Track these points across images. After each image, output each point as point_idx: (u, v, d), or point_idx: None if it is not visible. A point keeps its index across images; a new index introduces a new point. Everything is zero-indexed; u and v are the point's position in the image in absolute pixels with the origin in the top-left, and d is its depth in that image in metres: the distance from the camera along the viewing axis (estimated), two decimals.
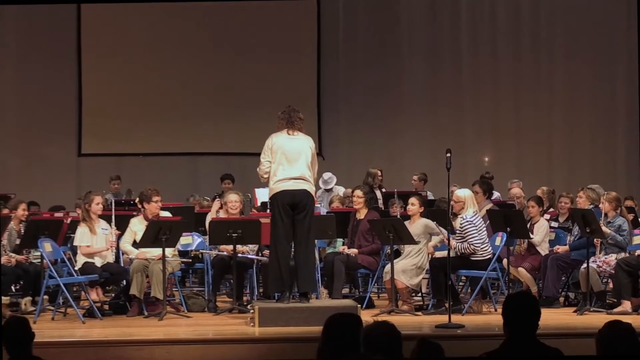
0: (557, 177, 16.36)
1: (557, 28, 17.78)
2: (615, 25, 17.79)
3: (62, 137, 17.56)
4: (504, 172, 15.35)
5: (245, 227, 11.42)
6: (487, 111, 17.72)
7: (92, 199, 11.88)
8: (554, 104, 17.70)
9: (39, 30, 17.46)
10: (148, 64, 17.52)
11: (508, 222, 11.46)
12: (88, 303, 11.27)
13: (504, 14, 17.81)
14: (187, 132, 17.42)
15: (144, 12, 17.33)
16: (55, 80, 17.55)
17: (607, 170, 16.70)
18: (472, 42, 17.82)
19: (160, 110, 17.44)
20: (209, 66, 17.58)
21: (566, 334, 9.36)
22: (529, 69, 17.75)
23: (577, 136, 17.66)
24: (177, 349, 9.46)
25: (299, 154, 10.50)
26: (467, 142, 16.84)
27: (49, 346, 8.23)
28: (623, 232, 11.58)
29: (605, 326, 5.63)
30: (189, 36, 17.57)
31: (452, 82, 17.76)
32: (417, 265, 11.45)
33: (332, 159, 15.70)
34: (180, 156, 17.36)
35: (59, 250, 11.48)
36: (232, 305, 11.50)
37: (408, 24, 17.77)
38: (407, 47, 17.70)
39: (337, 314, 5.81)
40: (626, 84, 17.68)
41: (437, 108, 17.59)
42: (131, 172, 16.37)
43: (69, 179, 17.08)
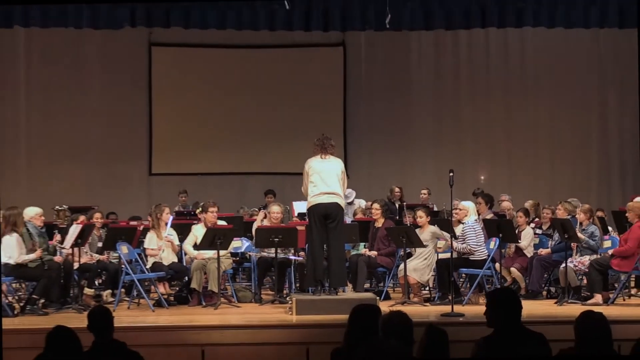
0: (540, 193, 16.19)
1: (540, 73, 17.66)
2: (589, 69, 17.66)
3: (136, 159, 17.56)
4: (496, 188, 15.22)
5: (285, 234, 11.36)
6: (483, 139, 17.62)
7: (162, 209, 11.89)
8: (539, 133, 17.59)
9: (118, 67, 17.51)
10: (206, 99, 17.54)
11: (500, 230, 11.38)
12: (157, 295, 11.25)
13: (496, 63, 17.73)
14: (237, 156, 17.40)
15: (203, 56, 17.37)
16: (130, 110, 17.59)
17: (582, 186, 16.55)
18: (470, 86, 17.76)
19: (216, 137, 17.44)
20: (255, 102, 17.59)
21: (548, 321, 9.25)
22: (517, 106, 17.65)
23: (557, 159, 17.54)
24: (229, 333, 9.41)
25: (331, 174, 10.45)
26: (466, 164, 16.72)
27: (126, 330, 8.20)
28: (595, 237, 11.53)
29: (581, 315, 5.57)
30: (240, 76, 17.60)
31: (453, 118, 17.68)
32: (426, 264, 11.37)
33: (356, 177, 15.64)
34: (232, 175, 17.31)
35: (134, 251, 11.48)
36: (274, 297, 11.41)
37: (417, 71, 17.71)
38: (417, 90, 17.65)
39: (360, 305, 5.80)
40: (598, 116, 17.62)
41: (441, 138, 17.51)
42: (192, 188, 16.37)
43: (142, 193, 17.07)
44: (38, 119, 17.49)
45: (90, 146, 17.33)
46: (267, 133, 17.31)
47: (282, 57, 17.47)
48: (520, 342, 5.60)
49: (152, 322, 10.04)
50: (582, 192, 15.06)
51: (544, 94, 17.62)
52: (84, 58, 17.38)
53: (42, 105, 17.48)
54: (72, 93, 17.46)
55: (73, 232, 11.32)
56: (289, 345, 9.16)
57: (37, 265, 10.89)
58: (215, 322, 9.90)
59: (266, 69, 17.55)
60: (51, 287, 10.88)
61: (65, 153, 17.28)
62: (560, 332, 6.24)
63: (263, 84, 17.60)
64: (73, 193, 15.83)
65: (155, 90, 17.67)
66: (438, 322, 8.75)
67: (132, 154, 17.52)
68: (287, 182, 14.06)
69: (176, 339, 9.27)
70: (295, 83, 17.63)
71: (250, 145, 17.36)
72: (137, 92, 17.64)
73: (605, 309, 9.59)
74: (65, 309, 10.83)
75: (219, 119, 17.51)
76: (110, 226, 12.41)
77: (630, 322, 8.98)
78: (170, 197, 15.56)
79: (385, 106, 17.64)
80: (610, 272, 11.29)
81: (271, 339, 9.31)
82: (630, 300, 11.40)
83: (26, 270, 10.88)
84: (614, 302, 11.01)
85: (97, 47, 17.01)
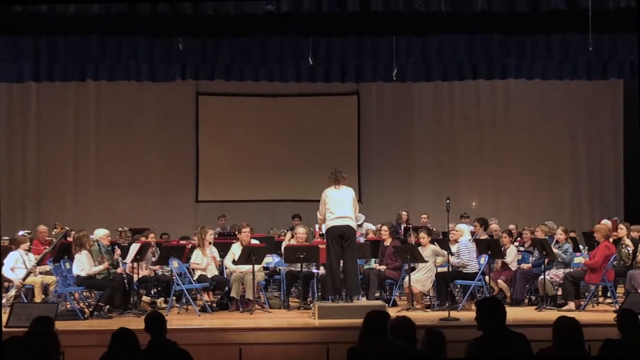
0: (522, 216, 16.16)
1: (522, 117, 17.69)
2: (561, 114, 17.69)
3: (185, 189, 17.63)
4: (486, 212, 15.17)
5: (309, 251, 11.36)
6: (474, 172, 17.60)
7: (206, 231, 11.92)
8: (520, 168, 17.58)
9: (171, 112, 17.66)
10: (243, 139, 17.62)
11: (489, 248, 11.39)
12: (202, 302, 11.26)
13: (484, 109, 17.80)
14: (269, 186, 17.43)
15: (241, 103, 17.50)
16: (180, 148, 17.68)
17: (556, 212, 16.46)
18: (463, 127, 17.81)
19: (251, 170, 17.50)
20: (284, 141, 17.67)
21: (529, 325, 9.19)
22: (502, 144, 17.68)
23: (536, 189, 17.50)
24: (262, 334, 9.42)
25: (344, 201, 10.49)
26: (460, 193, 16.70)
27: (176, 332, 8.19)
28: (568, 253, 11.48)
29: (557, 320, 5.58)
30: (271, 120, 17.72)
31: (449, 155, 17.68)
32: (427, 276, 11.34)
33: (368, 204, 15.64)
34: (264, 202, 17.35)
35: (183, 266, 11.52)
36: (300, 304, 11.41)
37: (419, 115, 17.76)
38: (418, 131, 17.71)
39: (372, 311, 5.79)
40: (570, 154, 17.62)
41: (439, 171, 17.50)
42: (231, 213, 16.41)
43: (189, 217, 17.09)
44: (105, 155, 17.63)
45: (147, 178, 17.44)
46: (293, 167, 17.37)
47: (307, 104, 17.56)
48: (506, 342, 5.59)
49: (198, 325, 10.04)
50: (557, 217, 15.00)
51: (524, 134, 17.62)
52: (143, 105, 17.53)
53: (108, 143, 17.62)
54: (134, 133, 17.61)
55: (133, 249, 11.40)
56: (312, 345, 9.16)
57: (104, 276, 10.96)
58: (250, 325, 9.89)
59: (293, 114, 17.65)
60: (115, 295, 10.93)
61: (127, 184, 17.38)
62: (540, 334, 6.22)
63: (290, 125, 17.69)
64: (133, 217, 15.91)
65: (202, 131, 17.78)
66: (437, 325, 8.71)
67: (182, 184, 17.60)
68: (311, 207, 13.99)
69: (218, 339, 9.28)
70: (317, 125, 17.70)
71: (279, 177, 17.42)
72: (186, 133, 17.75)
73: (577, 315, 9.47)
74: (127, 313, 10.86)
75: (253, 155, 17.58)
76: (164, 245, 12.47)
77: (598, 326, 8.90)
78: (213, 220, 15.62)
79: (392, 145, 17.67)
80: (581, 283, 11.24)
81: (297, 339, 9.31)
82: (598, 307, 11.36)
83: (94, 281, 10.95)
84: (585, 309, 10.98)
85: (154, 96, 17.15)
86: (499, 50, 12.11)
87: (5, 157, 17.26)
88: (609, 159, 17.52)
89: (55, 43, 11.84)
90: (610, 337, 6.05)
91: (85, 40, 11.84)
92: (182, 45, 11.83)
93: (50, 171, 17.44)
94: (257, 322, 10.12)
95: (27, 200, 17.31)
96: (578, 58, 12.26)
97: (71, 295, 11.14)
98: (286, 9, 10.93)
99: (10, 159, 17.32)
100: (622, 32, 11.86)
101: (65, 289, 11.09)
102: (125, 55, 12.06)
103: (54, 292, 11.31)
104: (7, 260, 11.79)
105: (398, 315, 5.86)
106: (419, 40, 12.05)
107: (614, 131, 17.49)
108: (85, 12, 10.94)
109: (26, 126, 17.40)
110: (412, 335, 5.54)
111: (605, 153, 17.56)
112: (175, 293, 11.37)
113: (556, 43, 12.04)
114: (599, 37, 11.66)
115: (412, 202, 16.70)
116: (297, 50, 12.02)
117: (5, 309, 10.24)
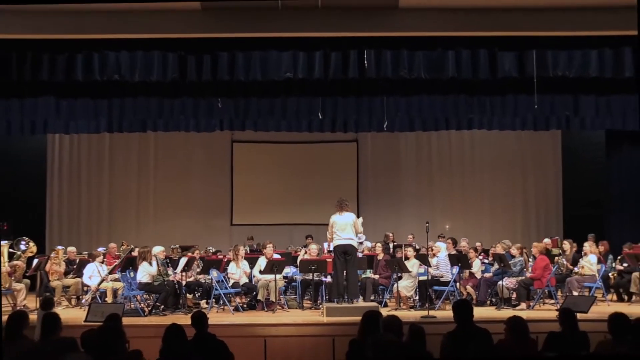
0: (485, 236, 16.10)
1: (484, 159, 17.64)
2: (515, 156, 17.65)
3: (222, 215, 17.58)
4: (457, 233, 15.13)
5: (319, 264, 11.33)
6: (448, 201, 17.51)
7: (239, 248, 11.92)
8: (483, 198, 17.49)
9: (211, 155, 17.61)
10: (268, 176, 17.60)
11: (459, 261, 11.37)
12: (235, 303, 11.21)
13: (455, 152, 17.76)
14: (287, 212, 17.36)
15: (267, 148, 17.49)
16: (219, 183, 17.63)
17: (511, 233, 16.37)
18: (438, 167, 17.72)
19: (274, 200, 17.45)
20: (299, 177, 17.59)
21: (491, 321, 9.07)
22: (470, 180, 17.58)
23: (495, 215, 17.40)
24: (282, 328, 9.41)
25: (347, 224, 10.49)
26: (437, 217, 16.60)
27: (215, 326, 8.13)
28: (519, 265, 11.43)
29: (512, 317, 5.53)
30: (290, 160, 17.66)
31: (428, 188, 17.57)
32: (411, 283, 11.30)
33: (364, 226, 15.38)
34: (284, 225, 17.26)
35: (220, 275, 11.50)
36: (312, 305, 11.39)
37: (405, 157, 17.66)
38: (404, 170, 17.64)
39: (368, 311, 5.77)
40: (521, 188, 17.55)
41: (420, 201, 17.38)
42: (258, 234, 16.35)
43: (226, 237, 16.99)
44: (161, 189, 17.63)
45: (193, 206, 17.41)
46: (306, 198, 17.33)
47: (317, 149, 17.55)
48: (473, 335, 5.57)
49: (232, 321, 9.99)
50: (512, 237, 14.94)
51: (486, 173, 17.56)
52: (191, 150, 17.54)
53: (163, 179, 17.63)
54: (183, 172, 17.59)
55: (182, 262, 11.38)
56: (321, 337, 9.12)
57: (160, 283, 10.94)
58: (273, 321, 9.83)
59: (306, 157, 17.64)
60: (168, 298, 10.92)
61: (178, 211, 17.36)
62: (499, 329, 6.16)
63: (304, 166, 17.68)
64: (182, 236, 15.87)
65: (235, 170, 17.78)
66: (419, 322, 8.65)
67: (220, 211, 17.56)
68: (320, 229, 13.98)
69: (247, 332, 9.27)
70: (325, 165, 17.69)
71: (296, 206, 17.37)
72: (223, 171, 17.75)
73: (527, 313, 9.50)
74: (177, 312, 10.86)
75: (275, 188, 17.55)
76: (206, 259, 12.45)
77: (544, 321, 8.84)
78: (244, 240, 15.60)
79: (383, 180, 17.65)
80: (531, 288, 11.18)
81: (310, 332, 9.30)
82: (544, 306, 11.24)
83: (152, 286, 10.94)
84: (534, 308, 10.91)
85: (199, 143, 17.16)
86: (465, 108, 12.14)
87: (85, 190, 17.32)
88: (551, 192, 17.45)
89: (124, 103, 11.93)
90: (554, 330, 6.01)
91: (147, 100, 11.93)
92: (221, 104, 11.92)
93: (119, 201, 17.47)
94: (278, 319, 10.08)
95: (102, 223, 17.32)
96: (526, 114, 12.27)
97: (134, 298, 11.14)
98: (301, 76, 11.02)
99: (90, 192, 17.38)
100: (560, 94, 11.92)
101: (130, 293, 11.09)
102: (177, 112, 12.13)
103: (121, 295, 11.31)
104: (85, 270, 11.85)
105: (388, 314, 5.83)
106: (404, 99, 12.09)
107: (554, 171, 17.45)
108: (146, 79, 11.04)
109: (101, 166, 17.47)
110: (399, 330, 5.52)
111: (548, 187, 17.50)
112: (214, 296, 11.35)
113: (509, 102, 12.06)
114: (542, 98, 11.68)
115: (399, 225, 16.63)
116: (309, 107, 12.08)
117: (85, 308, 10.29)
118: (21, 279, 11.55)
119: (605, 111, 12.15)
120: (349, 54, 10.98)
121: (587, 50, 11.02)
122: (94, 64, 10.87)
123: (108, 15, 10.25)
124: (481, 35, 10.79)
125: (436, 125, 13.26)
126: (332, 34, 10.68)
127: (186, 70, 11.01)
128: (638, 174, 14.99)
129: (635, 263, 11.56)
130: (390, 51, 10.95)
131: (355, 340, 5.55)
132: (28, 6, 10.03)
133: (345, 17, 10.39)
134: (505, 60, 11.04)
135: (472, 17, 10.42)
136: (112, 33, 10.45)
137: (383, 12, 10.36)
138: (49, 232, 16.85)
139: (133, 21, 10.27)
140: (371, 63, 10.92)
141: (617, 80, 11.46)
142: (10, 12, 10.14)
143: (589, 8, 10.29)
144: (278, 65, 10.91)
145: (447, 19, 10.43)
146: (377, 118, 12.57)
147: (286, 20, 10.38)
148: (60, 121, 12.49)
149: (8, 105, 11.73)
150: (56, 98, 11.75)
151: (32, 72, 10.92)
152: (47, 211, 16.95)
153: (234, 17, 10.36)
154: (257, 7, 10.19)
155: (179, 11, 10.28)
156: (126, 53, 10.90)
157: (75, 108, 11.88)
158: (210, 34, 10.61)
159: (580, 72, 11.05)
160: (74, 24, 10.25)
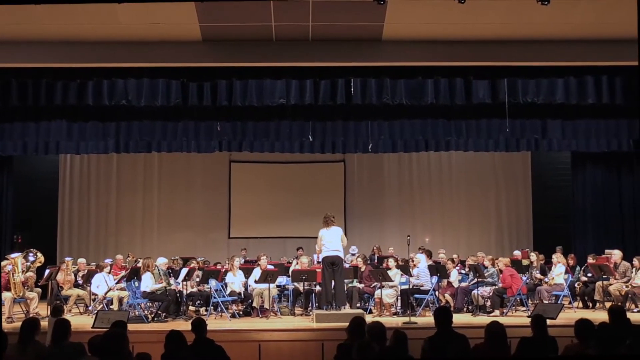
0: (462, 248, 16.11)
1: (461, 177, 17.62)
2: (488, 175, 17.66)
3: (221, 228, 17.45)
4: (436, 246, 15.13)
5: (310, 274, 11.29)
6: (427, 216, 17.44)
7: (234, 259, 11.87)
8: (460, 213, 17.43)
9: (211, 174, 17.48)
10: (262, 193, 17.50)
11: (438, 271, 11.31)
12: (232, 310, 11.14)
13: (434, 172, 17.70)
14: (280, 226, 17.24)
15: (261, 168, 17.38)
16: (217, 200, 17.48)
17: (485, 246, 16.38)
18: (418, 185, 17.67)
19: (268, 215, 17.35)
20: (292, 194, 17.45)
21: (467, 327, 9.09)
22: (447, 196, 17.54)
23: (471, 229, 17.38)
24: (275, 333, 9.35)
25: (334, 238, 10.42)
26: (418, 231, 16.58)
27: (214, 332, 8.09)
28: (493, 276, 11.43)
29: (492, 322, 5.50)
30: (282, 179, 17.56)
31: (409, 204, 17.48)
32: (394, 292, 11.25)
33: (352, 240, 15.44)
34: (277, 238, 17.17)
35: (219, 284, 11.42)
36: (303, 312, 11.33)
37: (388, 176, 17.60)
38: (387, 187, 17.55)
39: (354, 317, 5.71)
40: (494, 204, 17.51)
41: (402, 216, 17.30)
42: (252, 246, 16.28)
43: (224, 249, 16.86)
44: (164, 205, 17.49)
45: (194, 221, 17.30)
46: (298, 213, 17.25)
47: (307, 169, 17.49)
48: (451, 339, 5.53)
49: (229, 327, 9.92)
50: (486, 249, 14.96)
51: (462, 190, 17.56)
52: (192, 169, 17.45)
53: (166, 196, 17.49)
54: (184, 189, 17.47)
55: (183, 272, 11.31)
56: (312, 342, 9.05)
57: (162, 292, 10.85)
58: (267, 327, 9.77)
59: (298, 175, 17.60)
60: (170, 306, 10.83)
61: (179, 225, 17.24)
62: (475, 334, 6.13)
63: (296, 184, 17.62)
64: (183, 249, 15.80)
65: (233, 188, 17.68)
66: (401, 328, 8.61)
67: (218, 225, 17.45)
68: (310, 242, 13.95)
69: (243, 337, 9.18)
70: (315, 184, 17.65)
71: (288, 221, 17.28)
72: (222, 189, 17.66)
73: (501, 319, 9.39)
74: (178, 319, 10.76)
75: (270, 204, 17.48)
76: (205, 269, 12.38)
77: (517, 327, 8.77)
78: (239, 252, 15.52)
79: (368, 197, 17.62)
80: (504, 296, 11.17)
81: (301, 337, 9.22)
82: (516, 313, 11.22)
83: (155, 295, 10.85)
84: (507, 315, 10.89)
85: (199, 162, 17.09)
86: (443, 131, 12.21)
87: (94, 206, 17.20)
88: (522, 207, 17.48)
89: (131, 126, 11.95)
90: (525, 335, 6.00)
91: (151, 123, 11.95)
92: (220, 127, 11.94)
93: (125, 216, 17.35)
94: (272, 325, 10.01)
95: (109, 236, 17.19)
96: (499, 136, 12.35)
97: (139, 305, 11.05)
98: (293, 102, 11.09)
99: (98, 207, 17.26)
100: (529, 118, 12.02)
101: (135, 301, 10.99)
102: (180, 134, 12.14)
103: (126, 303, 11.22)
104: (94, 280, 11.76)
105: (373, 321, 5.79)
106: (387, 123, 12.15)
107: (525, 188, 17.50)
108: (152, 104, 11.07)
109: (109, 184, 17.37)
110: (383, 335, 5.44)
111: (519, 203, 17.53)
112: (213, 304, 11.28)
113: (483, 125, 12.14)
114: (513, 122, 11.79)
115: (383, 238, 16.60)
116: (301, 130, 12.11)
117: (92, 315, 10.19)
118: (33, 288, 11.45)
119: (571, 134, 12.28)
120: (337, 82, 11.07)
121: (554, 79, 11.17)
122: (103, 90, 10.92)
123: (117, 46, 10.31)
124: (457, 65, 10.92)
125: (417, 147, 13.32)
126: (322, 64, 10.79)
127: (188, 96, 11.06)
128: (600, 191, 15.13)
129: (599, 273, 11.58)
130: (374, 79, 11.05)
131: (343, 344, 5.51)
132: (45, 37, 10.07)
133: (334, 48, 10.50)
134: (479, 88, 11.15)
135: (449, 49, 10.55)
136: (120, 62, 10.53)
137: (368, 44, 10.47)
138: (60, 245, 16.72)
139: (139, 51, 10.34)
140: (357, 90, 11.00)
141: (581, 106, 11.62)
142: (26, 43, 10.18)
143: (555, 41, 10.45)
144: (272, 92, 10.98)
145: (426, 50, 10.55)
146: (362, 140, 12.63)
147: (280, 52, 10.48)
148: (72, 142, 12.49)
149: (25, 127, 11.78)
150: (68, 121, 11.79)
151: (46, 97, 10.95)
152: (59, 225, 16.83)
153: (232, 48, 10.46)
154: (253, 39, 10.30)
155: (182, 42, 10.34)
156: (133, 80, 10.95)
157: (85, 130, 11.91)
158: (210, 64, 10.70)
159: (548, 98, 11.19)
160: (86, 53, 10.31)
